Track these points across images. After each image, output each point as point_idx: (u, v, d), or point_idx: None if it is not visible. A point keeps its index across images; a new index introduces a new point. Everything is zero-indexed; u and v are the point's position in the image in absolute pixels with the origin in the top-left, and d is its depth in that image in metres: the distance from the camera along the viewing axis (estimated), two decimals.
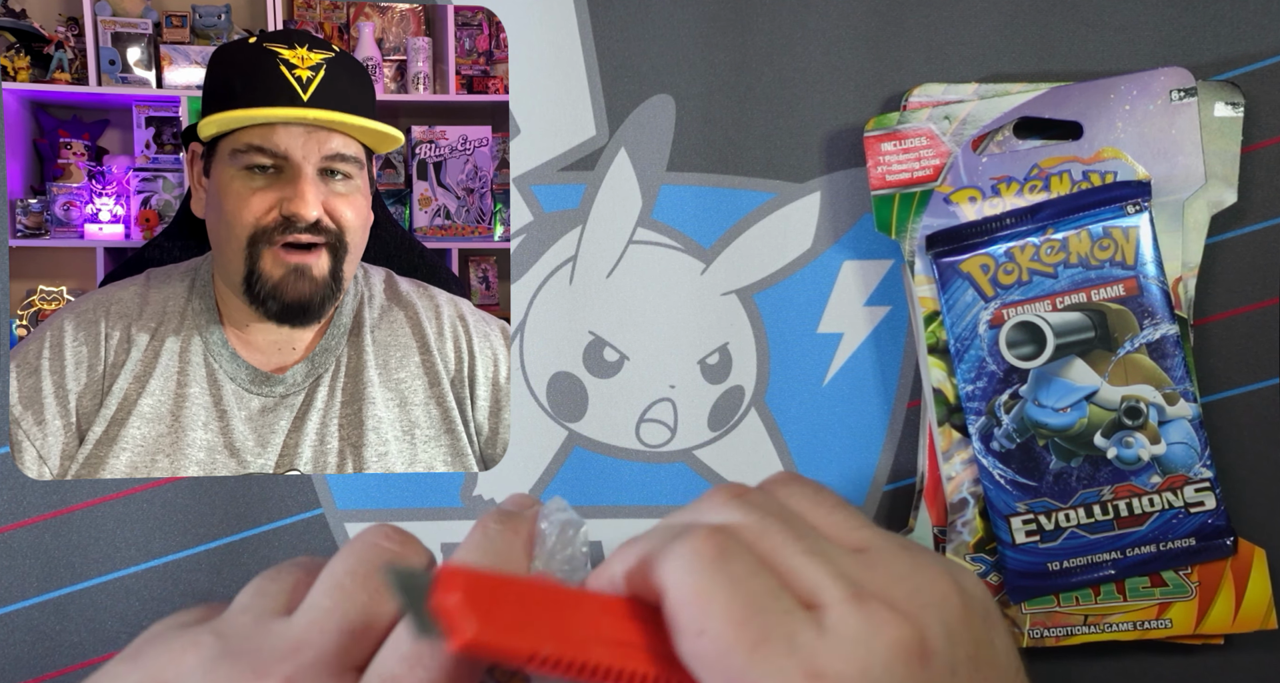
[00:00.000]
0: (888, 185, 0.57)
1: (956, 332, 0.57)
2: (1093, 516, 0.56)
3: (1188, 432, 0.56)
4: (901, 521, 0.60)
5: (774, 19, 0.59)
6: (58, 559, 0.58)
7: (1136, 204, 0.56)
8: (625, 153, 0.60)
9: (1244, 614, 0.57)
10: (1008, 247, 0.57)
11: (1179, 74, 0.56)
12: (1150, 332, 0.56)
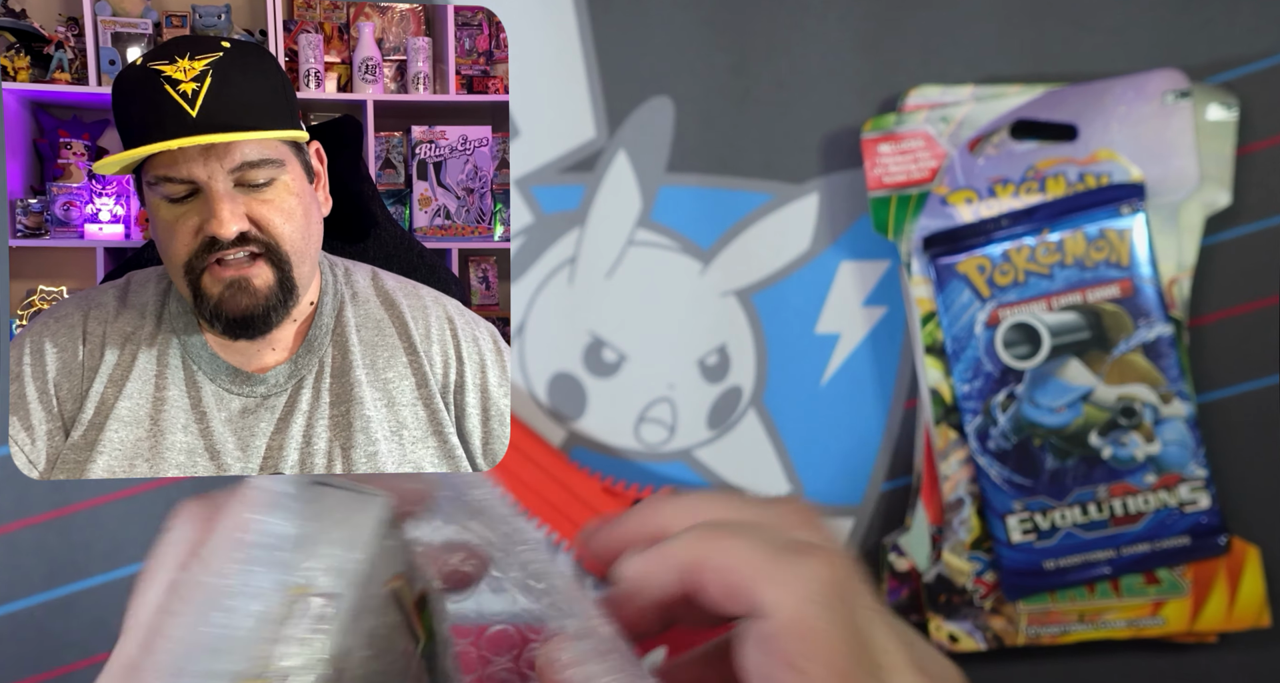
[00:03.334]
0: (885, 187, 0.58)
1: (953, 332, 0.57)
2: (1088, 514, 0.57)
3: (1182, 431, 0.57)
4: (898, 519, 0.61)
5: (772, 21, 0.60)
6: (61, 558, 0.58)
7: (1131, 205, 0.57)
8: (625, 154, 0.60)
9: (1238, 612, 0.58)
10: (1004, 248, 0.57)
11: (1173, 76, 0.57)
12: (1145, 332, 0.57)
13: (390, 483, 0.35)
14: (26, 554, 0.58)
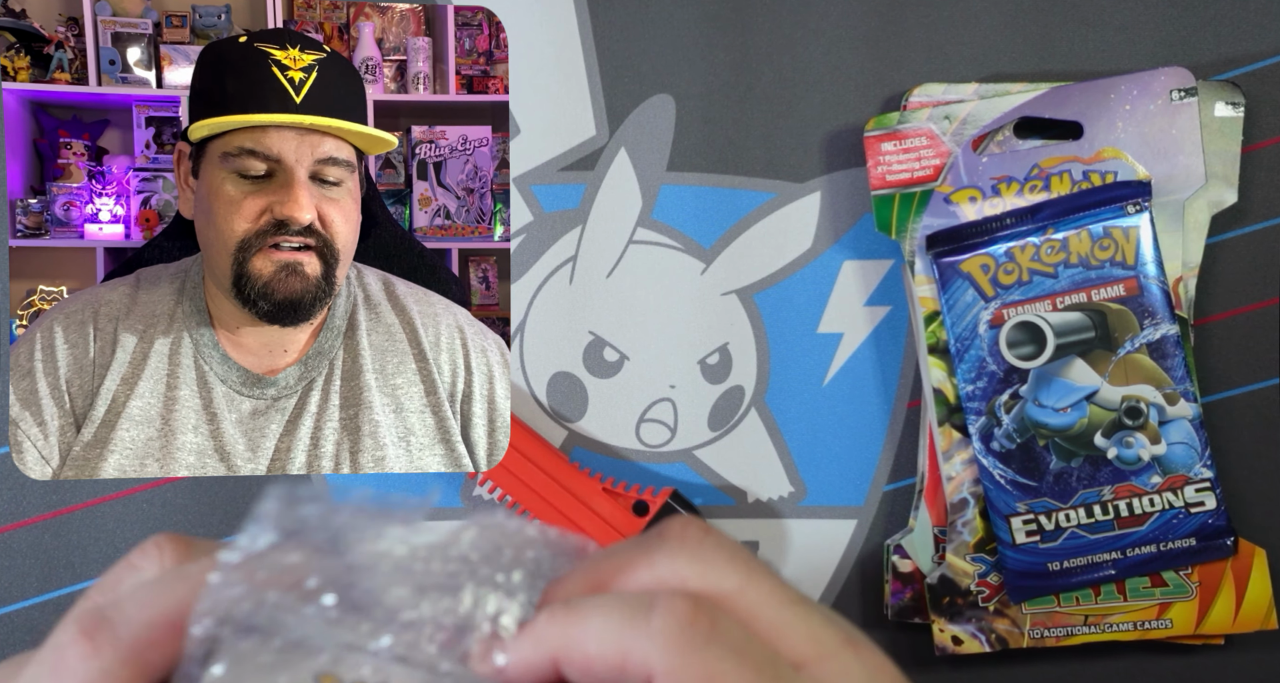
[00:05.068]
0: (888, 185, 0.57)
1: (957, 332, 0.57)
2: (1093, 516, 0.56)
3: (1188, 432, 0.56)
4: (901, 521, 0.60)
5: (774, 19, 0.59)
6: (57, 559, 0.58)
7: (1137, 204, 0.56)
8: (625, 153, 0.60)
9: (1244, 615, 0.57)
10: (1008, 247, 0.57)
11: (1179, 74, 0.56)
12: (1150, 332, 0.56)
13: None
14: (22, 556, 0.58)
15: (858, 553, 0.60)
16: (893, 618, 0.59)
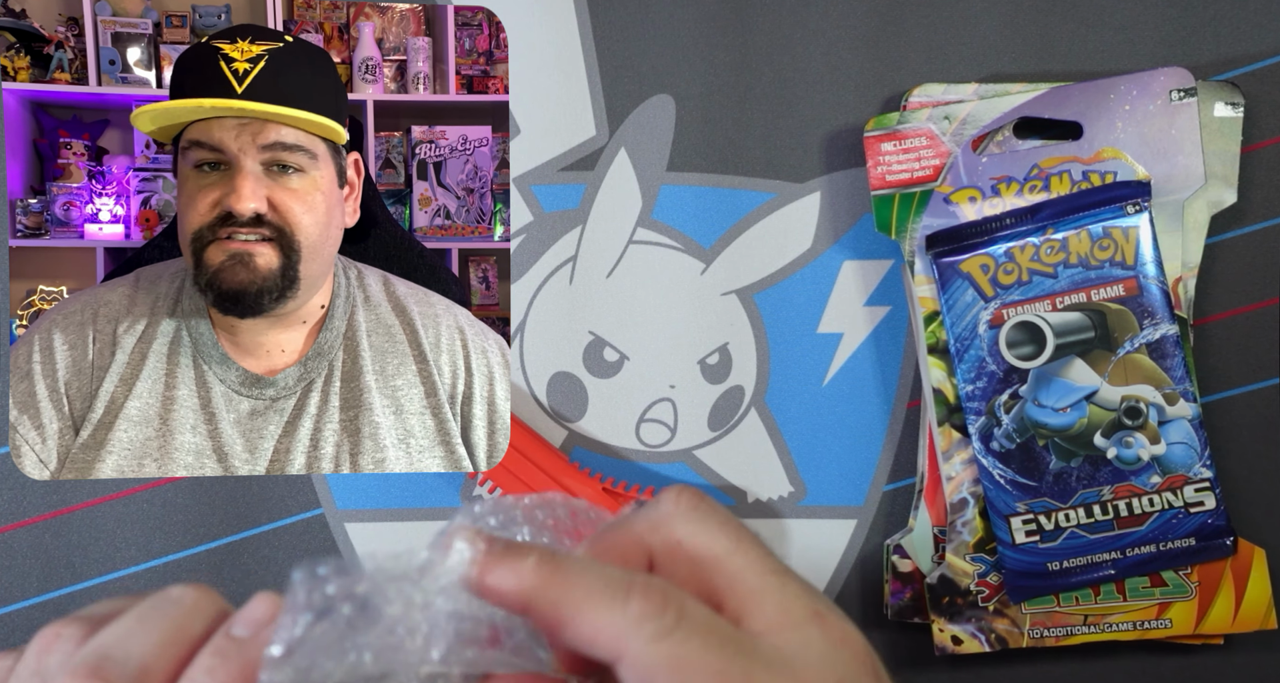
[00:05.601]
0: (888, 185, 0.57)
1: (956, 332, 0.57)
2: (1092, 516, 0.56)
3: (1188, 432, 0.56)
4: (901, 521, 0.60)
5: (774, 19, 0.59)
6: (58, 559, 0.58)
7: (1136, 204, 0.56)
8: (625, 153, 0.60)
9: (1244, 614, 0.57)
10: (1008, 247, 0.57)
11: (1179, 74, 0.56)
12: (1150, 332, 0.56)
13: None
14: (22, 556, 0.58)
15: (857, 553, 0.60)
16: (892, 618, 0.59)
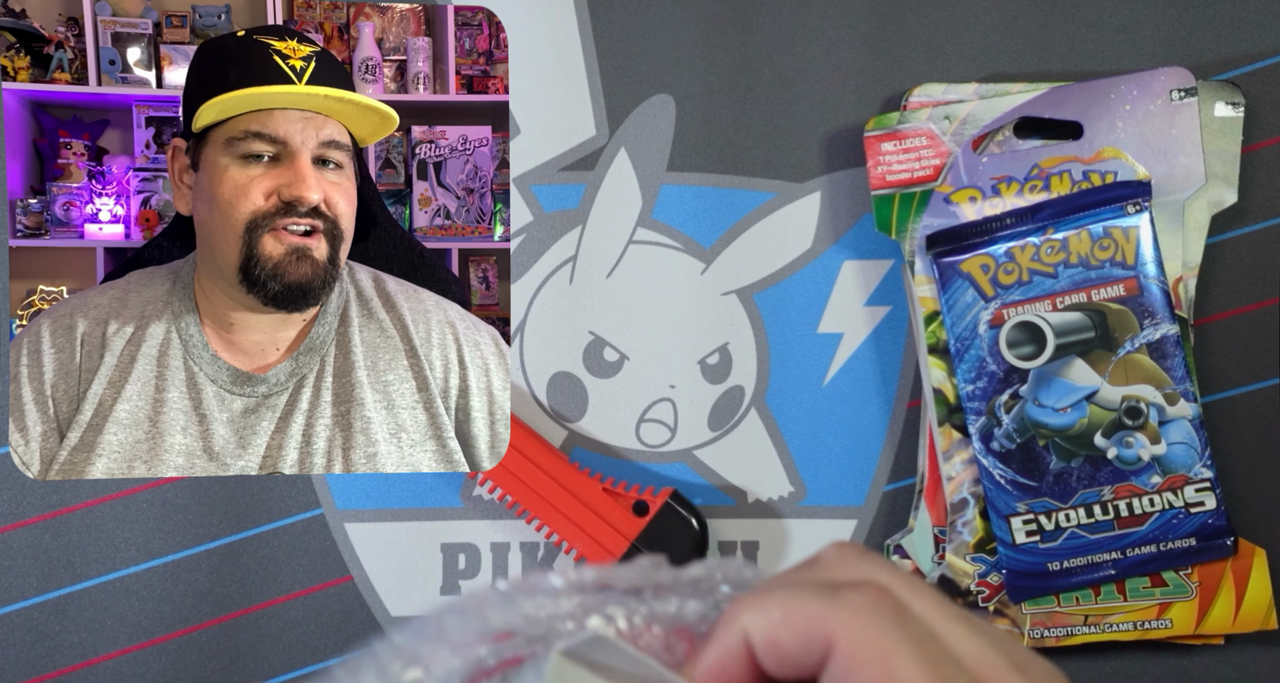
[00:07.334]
0: (888, 185, 0.57)
1: (957, 332, 0.57)
2: (1093, 516, 0.56)
3: (1188, 432, 0.56)
4: (902, 521, 0.60)
5: (774, 19, 0.59)
6: (57, 559, 0.58)
7: (1137, 204, 0.56)
8: (625, 153, 0.60)
9: (1244, 614, 0.57)
10: (1008, 247, 0.57)
11: (1179, 74, 0.56)
12: (1150, 332, 0.56)
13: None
14: (22, 556, 0.58)
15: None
16: None
